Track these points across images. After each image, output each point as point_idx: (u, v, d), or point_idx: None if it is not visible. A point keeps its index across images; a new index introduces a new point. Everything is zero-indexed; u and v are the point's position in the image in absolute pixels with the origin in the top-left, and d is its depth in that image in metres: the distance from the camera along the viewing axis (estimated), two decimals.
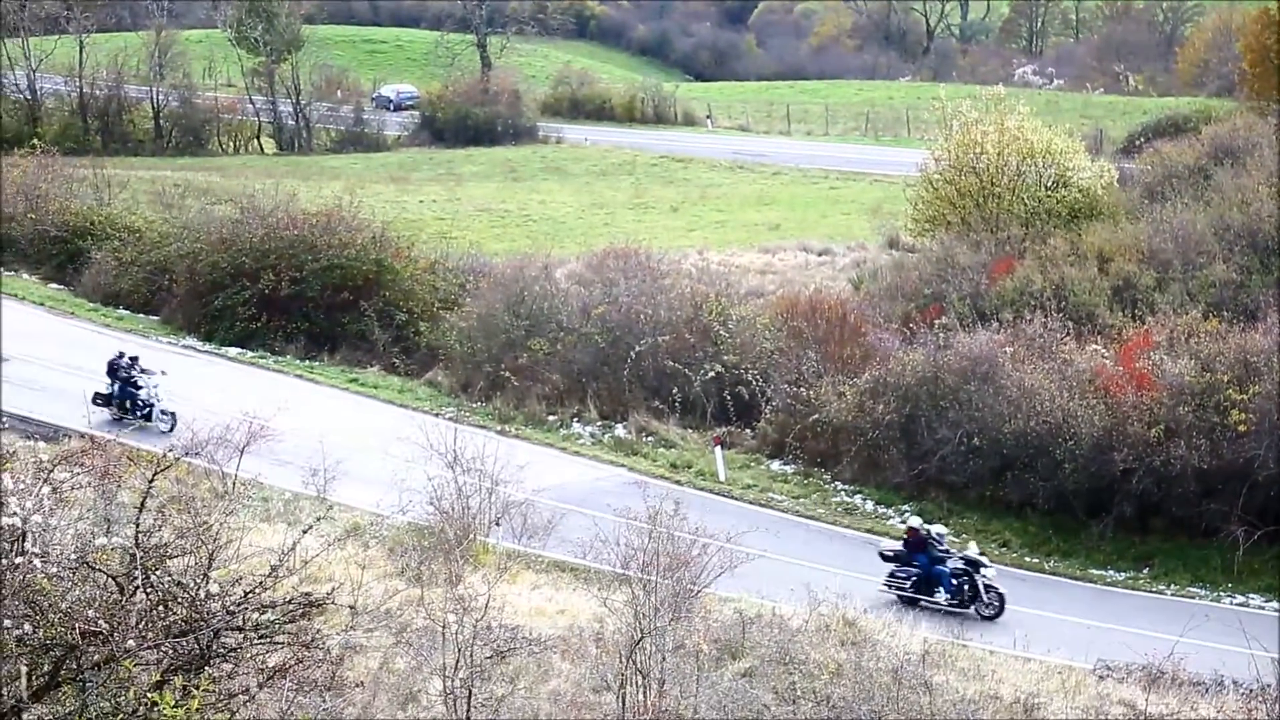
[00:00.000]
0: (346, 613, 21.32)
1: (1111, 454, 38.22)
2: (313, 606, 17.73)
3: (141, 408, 43.60)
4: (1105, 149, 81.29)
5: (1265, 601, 35.65)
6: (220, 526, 19.35)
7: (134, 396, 43.74)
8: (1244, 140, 60.70)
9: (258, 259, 53.04)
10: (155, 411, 43.41)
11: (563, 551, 33.81)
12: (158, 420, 43.26)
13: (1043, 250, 51.11)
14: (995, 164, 57.41)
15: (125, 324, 55.26)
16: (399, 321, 52.25)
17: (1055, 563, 38.13)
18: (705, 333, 47.37)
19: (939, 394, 41.32)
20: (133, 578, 16.63)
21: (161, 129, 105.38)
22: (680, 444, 44.83)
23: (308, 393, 47.82)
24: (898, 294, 51.91)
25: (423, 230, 66.86)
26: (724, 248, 67.67)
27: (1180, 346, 40.94)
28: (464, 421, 42.63)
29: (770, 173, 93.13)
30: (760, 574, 29.75)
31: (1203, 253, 49.45)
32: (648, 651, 22.15)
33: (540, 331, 48.73)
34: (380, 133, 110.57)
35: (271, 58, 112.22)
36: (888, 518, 40.65)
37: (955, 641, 28.50)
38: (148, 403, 43.55)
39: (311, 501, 35.43)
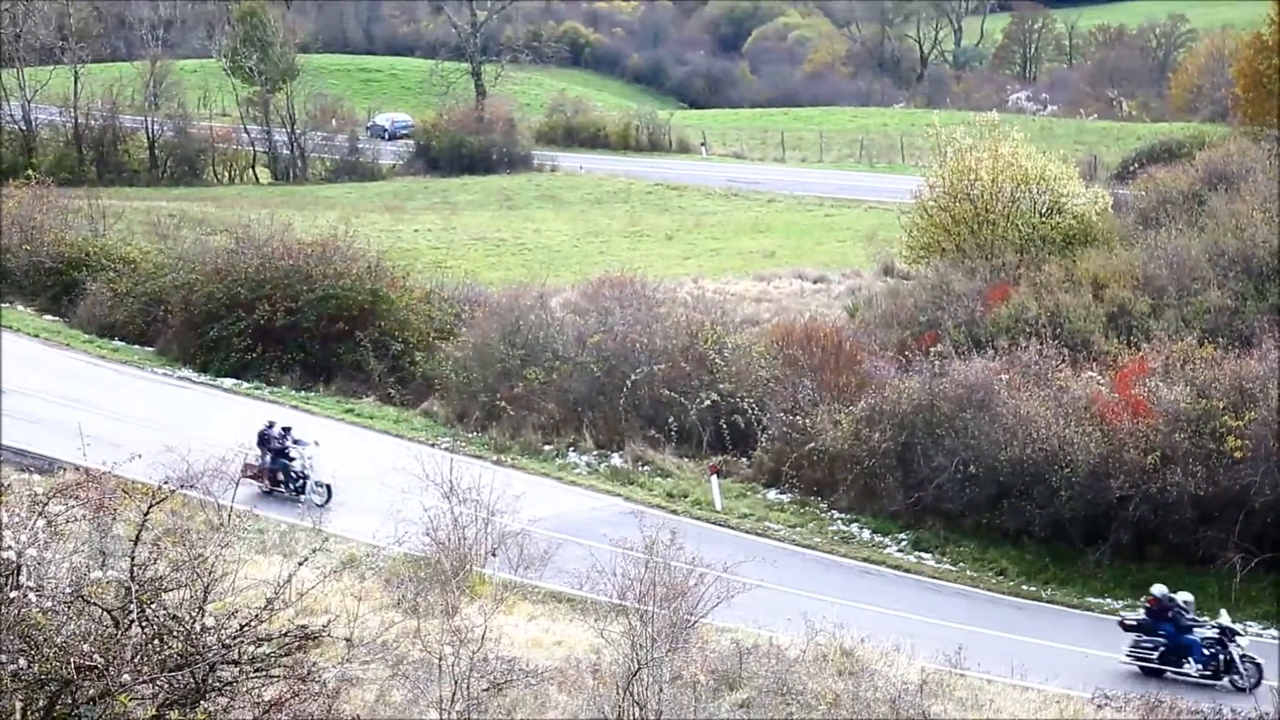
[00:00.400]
0: (342, 645, 21.22)
1: (1108, 481, 38.20)
2: (308, 639, 17.65)
3: (295, 480, 41.17)
4: (1099, 175, 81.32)
5: (1263, 629, 35.60)
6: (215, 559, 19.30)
7: (286, 469, 41.30)
8: (1238, 165, 60.79)
9: (253, 289, 53.02)
10: (309, 484, 40.97)
11: (559, 582, 33.74)
12: (311, 494, 40.83)
13: (1038, 277, 51.14)
14: (989, 190, 57.46)
15: (121, 355, 55.20)
16: (394, 351, 52.23)
17: (1052, 590, 38.06)
18: (701, 361, 47.35)
19: (935, 422, 41.30)
20: (128, 611, 16.57)
21: (156, 159, 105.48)
22: (676, 473, 44.78)
23: (303, 423, 47.71)
24: (893, 321, 51.92)
25: (418, 259, 66.92)
26: (719, 275, 67.70)
27: (1176, 373, 40.93)
28: (460, 452, 42.60)
29: (765, 200, 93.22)
30: (757, 603, 29.70)
31: (1197, 279, 49.48)
32: (645, 682, 22.09)
33: (536, 361, 48.72)
34: (375, 162, 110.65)
35: (266, 87, 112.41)
36: (884, 546, 40.61)
37: (953, 671, 28.43)
38: (301, 475, 41.08)
39: (307, 533, 35.36)
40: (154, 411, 45.72)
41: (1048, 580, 38.42)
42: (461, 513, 34.40)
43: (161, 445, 39.71)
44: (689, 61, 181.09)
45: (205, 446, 38.45)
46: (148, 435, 43.53)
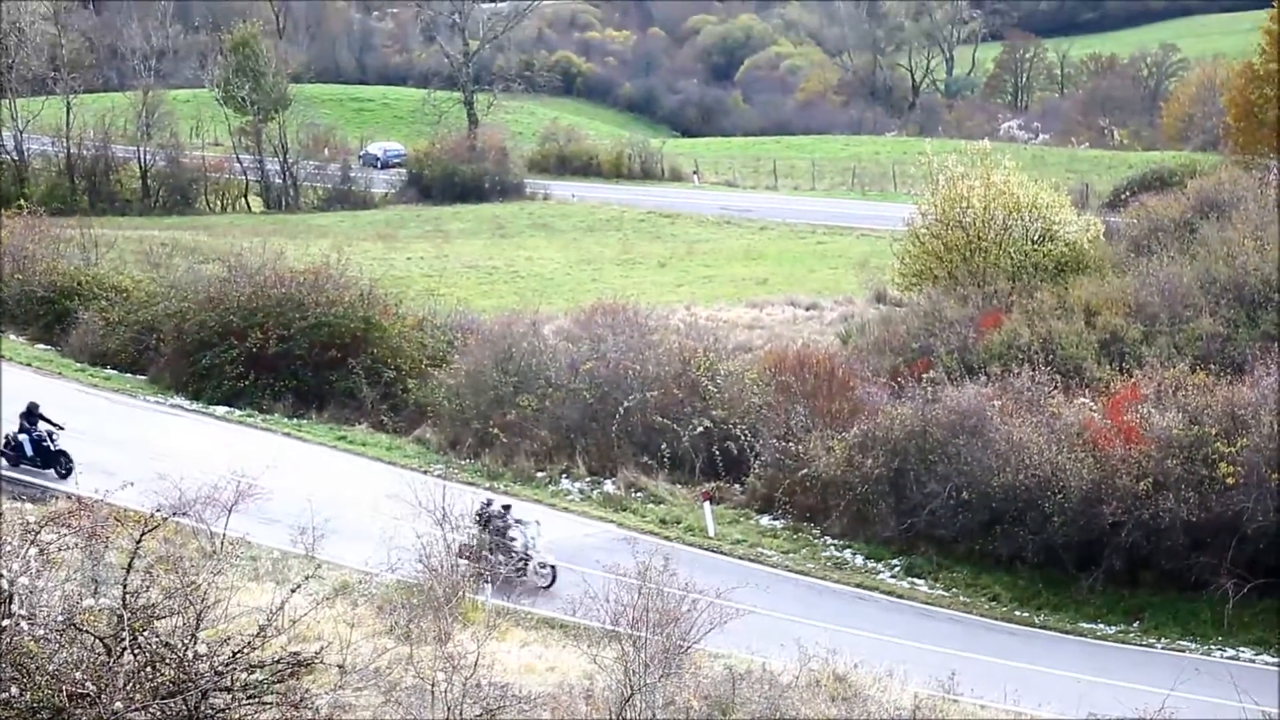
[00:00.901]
0: (335, 672, 21.18)
1: (1100, 507, 38.23)
2: (301, 666, 17.62)
3: (516, 560, 38.04)
4: (1091, 203, 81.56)
5: (1256, 654, 35.61)
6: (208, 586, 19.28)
7: (508, 548, 38.10)
8: (1229, 194, 60.96)
9: (245, 317, 53.03)
10: (532, 565, 38.12)
11: (552, 608, 33.77)
12: (535, 575, 38.05)
13: (1030, 304, 51.24)
14: (981, 218, 57.60)
15: (113, 384, 55.16)
16: (387, 379, 52.21)
17: (1045, 616, 38.06)
18: (693, 388, 47.38)
19: (927, 448, 41.34)
20: (120, 639, 16.54)
21: (149, 188, 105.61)
22: (669, 499, 44.78)
23: (296, 451, 47.71)
24: (885, 348, 51.97)
25: (410, 287, 66.95)
26: (711, 303, 67.81)
27: (1168, 399, 40.98)
28: (452, 478, 42.51)
29: (757, 228, 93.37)
30: (750, 630, 29.66)
31: (1189, 306, 49.60)
32: (638, 708, 22.06)
33: (528, 388, 48.74)
34: (367, 190, 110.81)
35: (258, 116, 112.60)
36: (877, 572, 40.61)
37: (946, 697, 28.40)
38: (524, 555, 38.15)
39: (300, 560, 35.32)
40: (146, 440, 45.64)
41: (1040, 606, 38.42)
42: (454, 540, 34.39)
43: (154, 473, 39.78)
44: (681, 90, 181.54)
45: (198, 474, 38.45)
46: (140, 463, 43.54)
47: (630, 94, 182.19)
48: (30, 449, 43.94)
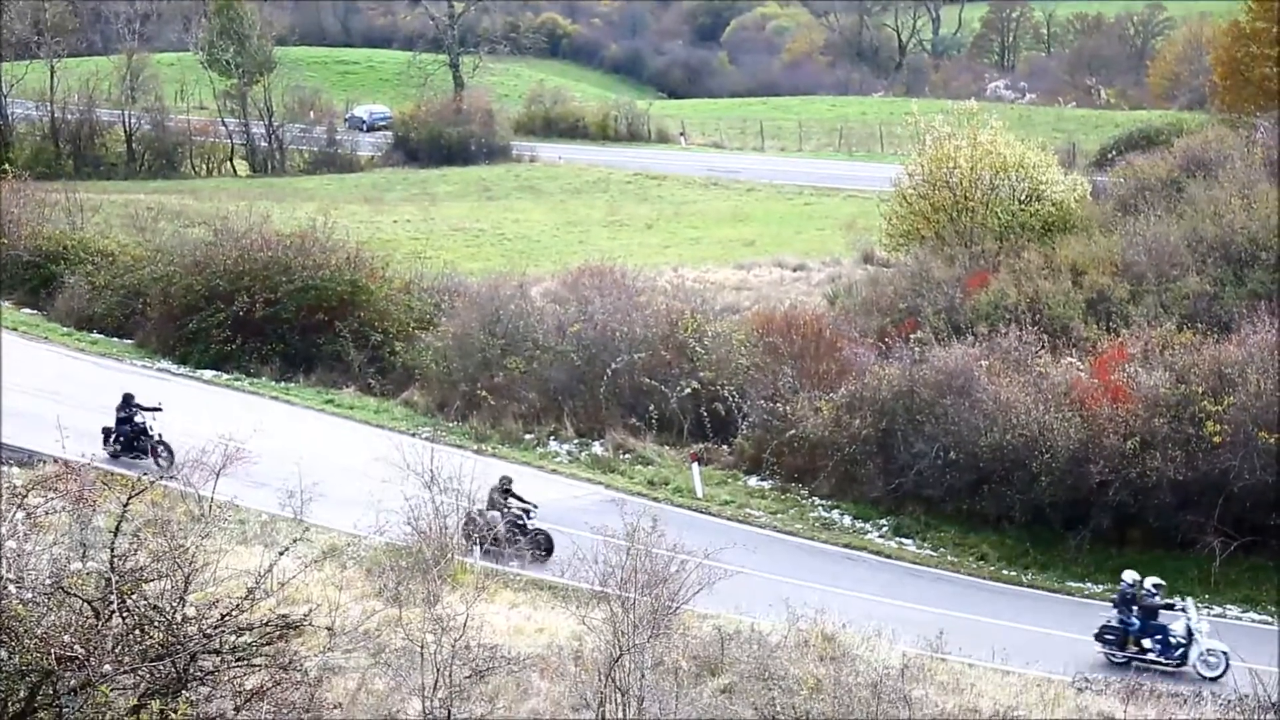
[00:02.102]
0: (324, 634, 21.22)
1: (1088, 466, 38.28)
2: (290, 628, 17.65)
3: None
4: (1078, 162, 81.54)
5: (1242, 612, 35.75)
6: (196, 549, 19.29)
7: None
8: (1216, 152, 60.90)
9: (232, 281, 52.94)
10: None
11: (541, 569, 33.77)
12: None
13: (1017, 264, 51.20)
14: (968, 178, 57.55)
15: (99, 348, 55.07)
16: (374, 342, 52.15)
17: (1033, 575, 38.15)
18: (681, 349, 47.35)
19: (915, 408, 41.35)
20: (108, 602, 16.55)
21: (134, 152, 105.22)
22: (657, 461, 44.81)
23: (283, 414, 47.70)
24: (873, 309, 51.96)
25: (397, 250, 66.77)
26: (699, 264, 67.72)
27: (1155, 359, 41.03)
28: (440, 441, 42.59)
29: (744, 189, 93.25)
30: (738, 590, 29.72)
31: (1176, 265, 49.59)
32: (627, 669, 22.12)
33: (516, 350, 48.69)
34: (354, 153, 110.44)
35: (244, 80, 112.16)
36: (865, 532, 40.67)
37: (934, 655, 28.49)
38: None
39: (288, 523, 35.33)
40: None
41: (1028, 565, 38.51)
42: (443, 502, 34.41)
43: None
44: (667, 51, 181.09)
45: (185, 439, 38.46)
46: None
47: (616, 55, 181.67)
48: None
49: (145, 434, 42.71)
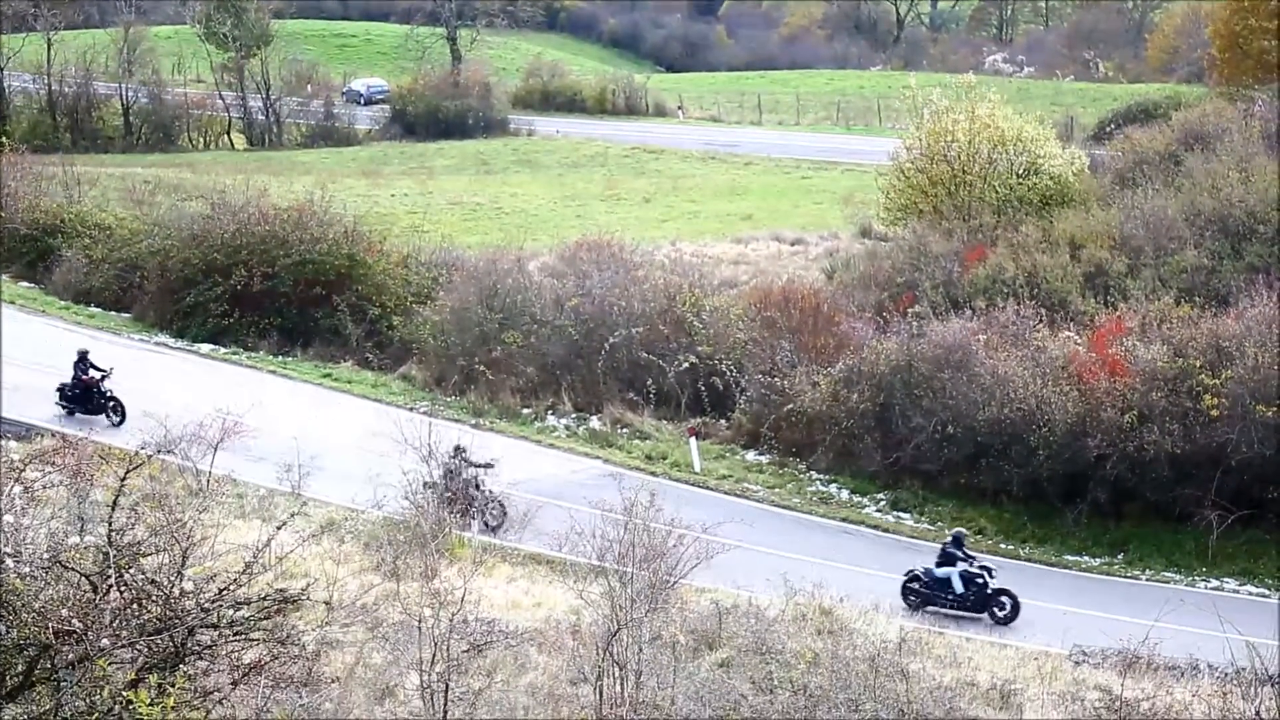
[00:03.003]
0: (322, 608, 21.24)
1: (1085, 440, 38.31)
2: (288, 603, 17.63)
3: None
4: (1076, 136, 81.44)
5: (1240, 585, 35.81)
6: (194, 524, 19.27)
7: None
8: (1214, 126, 60.85)
9: (229, 255, 52.93)
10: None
11: (538, 544, 33.82)
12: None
13: (1015, 238, 51.20)
14: (966, 152, 57.51)
15: (96, 322, 55.08)
16: (372, 316, 52.15)
17: (1030, 549, 38.20)
18: (679, 324, 47.34)
19: (913, 382, 41.36)
20: (106, 576, 16.54)
21: (131, 126, 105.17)
22: (655, 435, 44.81)
23: (281, 389, 47.71)
24: (871, 283, 51.93)
25: (395, 224, 66.78)
26: (697, 238, 67.66)
27: (1153, 332, 41.03)
28: (438, 415, 42.54)
29: (742, 163, 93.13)
30: (736, 564, 29.74)
31: (1174, 238, 49.59)
32: (624, 643, 22.12)
33: (514, 324, 48.68)
34: (351, 127, 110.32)
35: (241, 53, 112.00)
36: (863, 506, 40.70)
37: (931, 629, 28.54)
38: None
39: (286, 497, 35.34)
40: (130, 377, 45.57)
41: (1026, 539, 38.56)
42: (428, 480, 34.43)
43: (139, 411, 39.83)
44: (665, 25, 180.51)
45: (183, 412, 38.46)
46: (125, 401, 43.57)
47: (614, 29, 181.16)
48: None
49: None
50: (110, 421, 43.22)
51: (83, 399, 44.09)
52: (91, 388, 44.01)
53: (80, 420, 43.22)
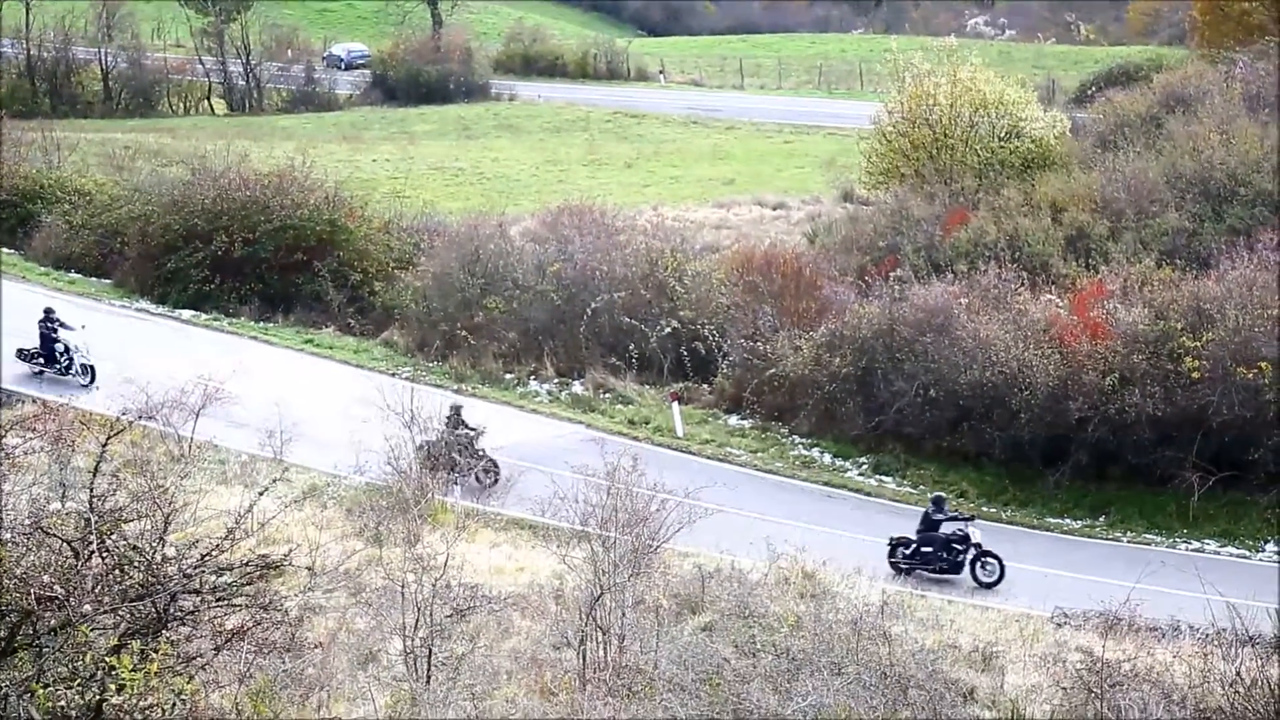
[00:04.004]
0: (305, 574, 21.26)
1: (1067, 403, 38.38)
2: (270, 568, 17.66)
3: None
4: (1057, 99, 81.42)
5: (1220, 547, 35.94)
6: (176, 489, 19.30)
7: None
8: (1195, 88, 60.80)
9: (210, 220, 52.77)
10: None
11: (521, 509, 33.85)
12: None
13: (996, 201, 51.22)
14: (948, 116, 57.51)
15: (77, 288, 54.92)
16: (354, 282, 52.05)
17: (1012, 512, 38.29)
18: (661, 289, 47.33)
19: (895, 346, 41.39)
20: (88, 542, 16.53)
21: (111, 91, 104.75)
22: (637, 400, 44.83)
23: (263, 354, 47.62)
24: (853, 247, 51.95)
25: (376, 190, 66.61)
26: (679, 203, 67.60)
27: (1134, 295, 41.09)
28: (420, 381, 42.56)
29: (724, 127, 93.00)
30: (719, 528, 29.78)
31: (1155, 201, 49.62)
32: (607, 607, 22.18)
33: (496, 290, 48.63)
34: (332, 92, 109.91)
35: (221, 17, 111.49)
36: (845, 470, 40.77)
37: (913, 592, 28.62)
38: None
39: (268, 463, 35.33)
40: (111, 344, 45.49)
41: (1008, 502, 38.64)
42: (423, 442, 34.41)
43: (120, 377, 39.73)
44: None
45: (165, 378, 38.39)
46: (106, 367, 43.47)
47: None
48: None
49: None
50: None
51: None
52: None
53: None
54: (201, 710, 17.03)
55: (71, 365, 43.41)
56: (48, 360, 43.77)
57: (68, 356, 43.50)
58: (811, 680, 21.33)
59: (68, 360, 43.49)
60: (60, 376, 43.34)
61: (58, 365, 43.63)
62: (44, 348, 43.90)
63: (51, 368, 43.69)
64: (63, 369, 43.51)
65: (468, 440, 37.10)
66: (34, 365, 43.85)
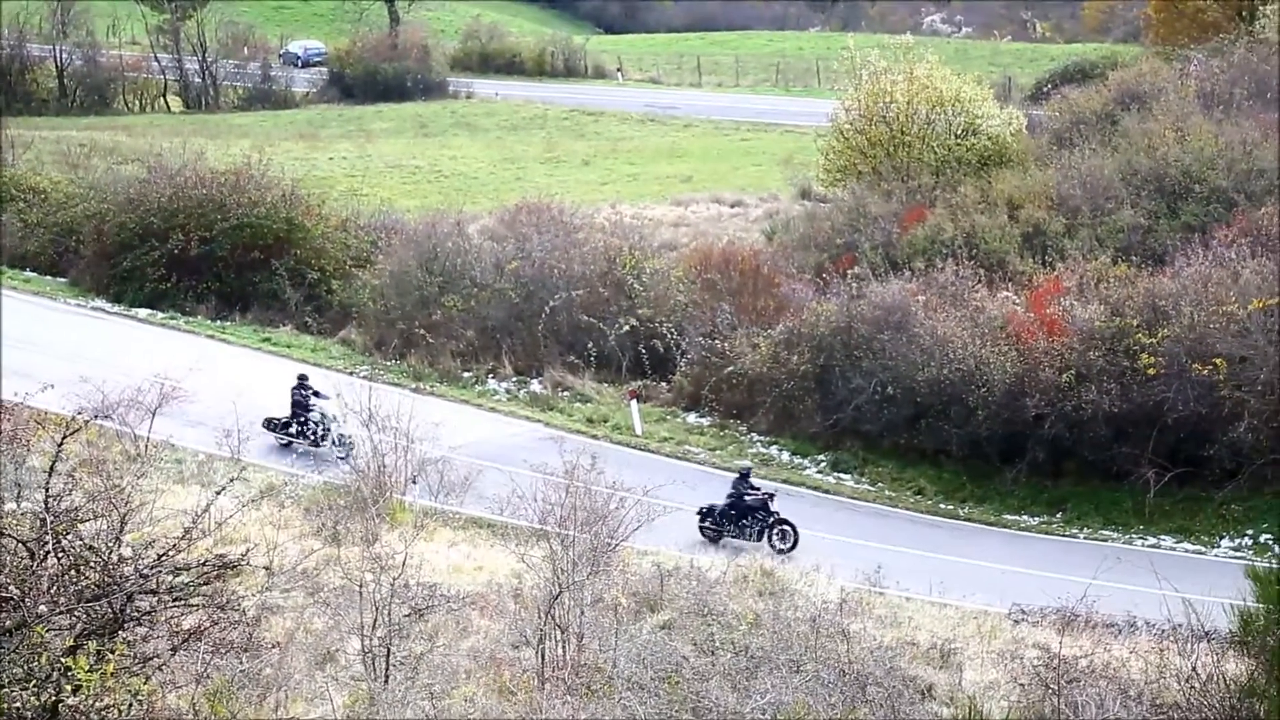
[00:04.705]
0: (262, 573, 21.15)
1: (1024, 400, 38.52)
2: (227, 568, 17.58)
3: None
4: (1014, 96, 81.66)
5: (1176, 542, 36.10)
6: (132, 489, 19.17)
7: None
8: (1150, 85, 61.08)
9: (166, 219, 52.58)
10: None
11: (480, 508, 33.79)
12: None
13: (953, 198, 51.36)
14: (905, 113, 57.63)
15: (33, 286, 54.64)
16: (311, 280, 51.93)
17: (970, 509, 38.42)
18: (619, 287, 47.33)
19: (853, 344, 41.49)
20: (43, 543, 16.43)
21: (65, 88, 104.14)
22: (596, 398, 44.83)
23: (220, 353, 47.45)
24: (810, 244, 52.02)
25: (333, 188, 66.39)
26: (636, 201, 67.58)
27: (1090, 292, 41.28)
28: (378, 380, 42.51)
29: (681, 125, 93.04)
30: (678, 526, 29.83)
31: (1111, 198, 49.81)
32: (566, 606, 22.16)
33: (454, 288, 48.56)
34: (288, 90, 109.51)
35: (177, 15, 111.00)
36: (804, 468, 40.85)
37: (872, 589, 28.67)
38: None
39: (225, 462, 35.22)
40: (67, 342, 45.28)
41: (965, 499, 38.78)
42: (381, 440, 34.36)
43: (76, 376, 39.49)
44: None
45: (121, 377, 38.21)
46: (61, 366, 43.18)
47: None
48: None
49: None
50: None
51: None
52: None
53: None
54: (158, 711, 16.96)
55: (327, 436, 39.49)
56: (300, 432, 40.10)
57: (323, 426, 39.59)
58: (770, 678, 21.37)
59: (322, 430, 39.59)
60: (313, 448, 39.63)
61: (309, 436, 39.90)
62: (295, 417, 40.20)
63: (304, 439, 39.97)
64: (315, 440, 39.72)
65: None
66: (282, 435, 40.12)
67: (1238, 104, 57.08)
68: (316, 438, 39.58)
